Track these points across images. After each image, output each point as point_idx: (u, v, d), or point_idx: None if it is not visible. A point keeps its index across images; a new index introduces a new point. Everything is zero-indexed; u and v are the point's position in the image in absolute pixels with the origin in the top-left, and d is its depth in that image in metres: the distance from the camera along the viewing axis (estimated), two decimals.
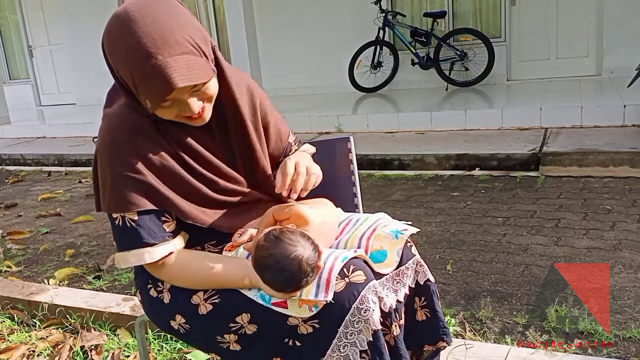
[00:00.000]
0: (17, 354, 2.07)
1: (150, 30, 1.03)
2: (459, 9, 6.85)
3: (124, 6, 1.07)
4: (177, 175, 1.18)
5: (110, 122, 1.17)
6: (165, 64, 1.02)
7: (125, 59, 1.05)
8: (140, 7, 1.05)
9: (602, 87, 5.63)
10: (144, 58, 1.02)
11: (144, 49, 1.02)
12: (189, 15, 1.10)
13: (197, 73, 1.06)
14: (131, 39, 1.03)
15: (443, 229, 2.95)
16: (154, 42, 1.02)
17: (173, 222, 1.20)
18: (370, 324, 1.09)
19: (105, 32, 1.08)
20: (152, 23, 1.03)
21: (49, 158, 6.04)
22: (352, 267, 1.13)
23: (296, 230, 1.12)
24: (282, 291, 1.08)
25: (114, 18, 1.07)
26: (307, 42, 7.52)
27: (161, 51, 1.02)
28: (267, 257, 1.07)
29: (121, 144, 1.14)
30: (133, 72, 1.05)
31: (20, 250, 3.27)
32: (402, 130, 5.25)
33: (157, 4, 1.06)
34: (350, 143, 1.62)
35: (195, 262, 1.19)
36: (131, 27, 1.03)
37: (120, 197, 1.14)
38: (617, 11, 5.90)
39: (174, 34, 1.04)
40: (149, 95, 1.05)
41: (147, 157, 1.15)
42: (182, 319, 1.21)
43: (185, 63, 1.04)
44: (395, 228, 1.27)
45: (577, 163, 3.72)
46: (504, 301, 2.13)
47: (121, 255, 1.18)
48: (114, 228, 1.18)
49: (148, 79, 1.03)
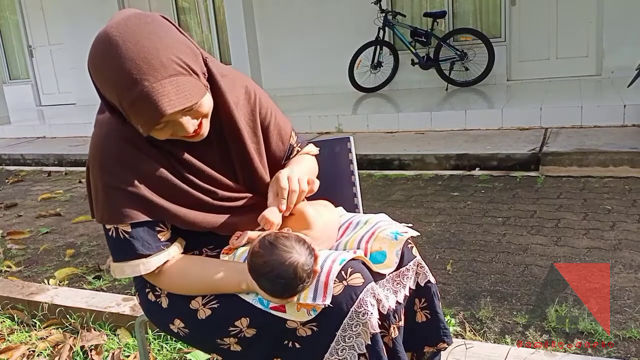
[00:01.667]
0: (17, 354, 2.07)
1: (133, 55, 0.98)
2: (459, 9, 6.84)
3: (105, 30, 1.02)
4: (172, 185, 1.15)
5: (100, 131, 1.15)
6: (152, 90, 0.98)
7: (111, 86, 1.01)
8: (121, 30, 1.00)
9: (602, 87, 5.63)
10: (129, 85, 0.98)
11: (128, 76, 0.98)
12: (174, 32, 1.05)
13: (187, 95, 1.02)
14: (115, 66, 0.99)
15: (443, 229, 2.95)
16: (139, 68, 0.98)
17: (168, 231, 1.19)
18: (368, 327, 1.09)
19: (89, 57, 1.03)
20: (135, 47, 0.98)
21: (49, 158, 6.04)
22: (350, 270, 1.12)
23: (291, 235, 1.10)
24: (279, 297, 1.08)
25: (96, 42, 1.02)
26: (307, 42, 7.52)
27: (147, 77, 0.98)
28: (262, 265, 1.06)
29: (111, 156, 1.12)
30: (121, 99, 1.01)
31: (20, 250, 3.27)
32: (402, 130, 5.25)
33: (139, 25, 1.01)
34: (350, 143, 1.62)
35: (192, 269, 1.19)
36: (114, 53, 0.98)
37: (112, 209, 1.13)
38: (617, 11, 5.90)
39: (158, 57, 0.99)
40: (139, 122, 1.03)
41: (139, 168, 1.13)
42: (180, 323, 1.21)
43: (173, 87, 1.00)
44: (395, 230, 1.27)
45: (577, 163, 3.72)
46: (504, 301, 2.13)
47: (117, 266, 1.18)
48: (108, 239, 1.18)
49: (136, 106, 1.00)
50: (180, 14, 8.61)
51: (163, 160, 1.15)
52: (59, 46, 9.60)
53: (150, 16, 1.05)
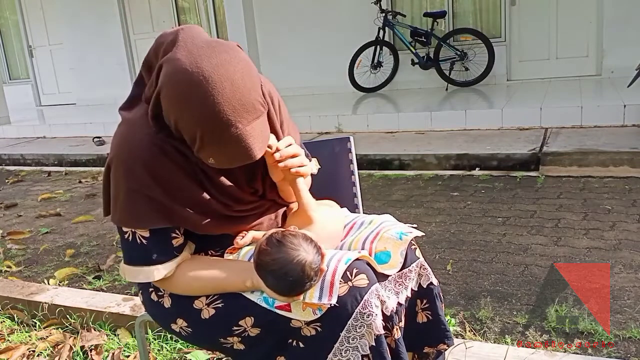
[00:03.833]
0: (17, 354, 2.07)
1: (230, 97, 0.97)
2: (459, 9, 6.84)
3: (195, 61, 0.98)
4: (194, 194, 1.14)
5: (128, 132, 1.12)
6: (245, 133, 1.00)
7: (198, 121, 0.99)
8: (215, 66, 0.98)
9: (602, 87, 5.63)
10: (223, 126, 0.98)
11: (224, 117, 0.97)
12: (253, 68, 1.04)
13: (267, 135, 1.06)
14: (210, 104, 0.96)
15: (443, 229, 2.95)
16: (234, 110, 0.98)
17: (181, 237, 1.19)
18: (372, 328, 1.09)
19: (172, 84, 0.99)
20: (231, 87, 0.98)
21: (49, 158, 6.04)
22: (355, 271, 1.12)
23: (299, 233, 1.10)
24: (286, 295, 1.08)
25: (183, 72, 0.98)
26: (307, 42, 7.52)
27: (240, 119, 0.99)
28: (270, 263, 1.06)
29: (140, 160, 1.09)
30: (205, 135, 1.00)
31: (20, 250, 3.27)
32: (402, 130, 5.25)
33: (230, 62, 0.99)
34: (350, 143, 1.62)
35: (198, 272, 1.18)
36: (210, 91, 0.96)
37: (132, 213, 1.12)
38: (617, 11, 5.90)
39: (250, 99, 1.00)
40: (219, 159, 1.03)
41: (165, 176, 1.11)
42: (183, 322, 1.21)
43: (259, 128, 1.02)
44: (399, 230, 1.27)
45: (577, 163, 3.72)
46: (504, 301, 2.13)
47: (128, 269, 1.18)
48: (123, 241, 1.17)
49: (224, 146, 1.00)
50: (180, 14, 8.60)
51: (189, 171, 1.14)
52: (59, 46, 9.60)
53: (234, 49, 1.03)
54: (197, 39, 1.03)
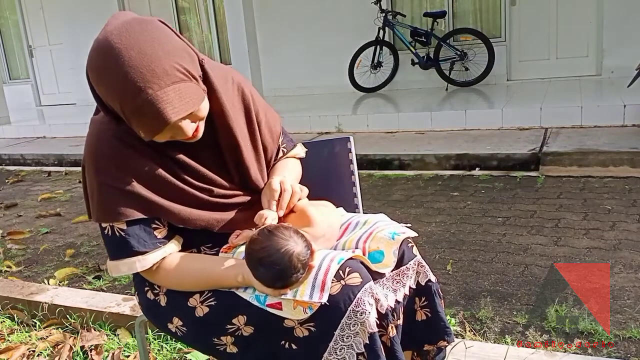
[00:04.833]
0: (17, 354, 2.07)
1: (137, 64, 0.98)
2: (459, 9, 6.85)
3: (105, 35, 1.01)
4: (167, 182, 1.16)
5: (92, 131, 1.17)
6: (156, 97, 0.99)
7: (113, 93, 1.01)
8: (123, 36, 1.00)
9: (602, 87, 5.63)
10: (133, 94, 0.99)
11: (132, 84, 0.98)
12: (174, 38, 1.06)
13: (189, 101, 1.04)
14: (118, 74, 0.99)
15: (443, 229, 2.95)
16: (142, 76, 0.99)
17: (164, 228, 1.19)
18: (366, 326, 1.09)
19: (89, 62, 1.03)
20: (138, 55, 0.99)
21: (49, 158, 6.04)
22: (348, 270, 1.12)
23: (291, 227, 1.12)
24: (272, 286, 1.08)
25: (96, 48, 1.01)
26: (307, 42, 7.52)
27: (150, 85, 0.99)
28: (259, 250, 1.08)
29: (105, 154, 1.13)
30: (123, 106, 1.02)
31: (20, 250, 3.27)
32: (402, 130, 5.25)
33: (140, 31, 1.02)
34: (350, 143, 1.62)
35: (188, 264, 1.19)
36: (117, 61, 0.98)
37: (107, 208, 1.14)
38: (617, 11, 5.90)
39: (161, 64, 1.00)
40: (142, 128, 1.04)
41: (133, 167, 1.13)
42: (179, 321, 1.21)
43: (176, 94, 1.02)
44: (393, 230, 1.27)
45: (577, 163, 3.72)
46: (504, 301, 2.13)
47: (113, 264, 1.19)
48: (104, 237, 1.19)
49: (140, 114, 1.01)
50: (180, 14, 8.60)
51: (157, 159, 1.16)
52: (59, 46, 9.60)
53: (149, 22, 1.05)
54: (120, 20, 1.05)
